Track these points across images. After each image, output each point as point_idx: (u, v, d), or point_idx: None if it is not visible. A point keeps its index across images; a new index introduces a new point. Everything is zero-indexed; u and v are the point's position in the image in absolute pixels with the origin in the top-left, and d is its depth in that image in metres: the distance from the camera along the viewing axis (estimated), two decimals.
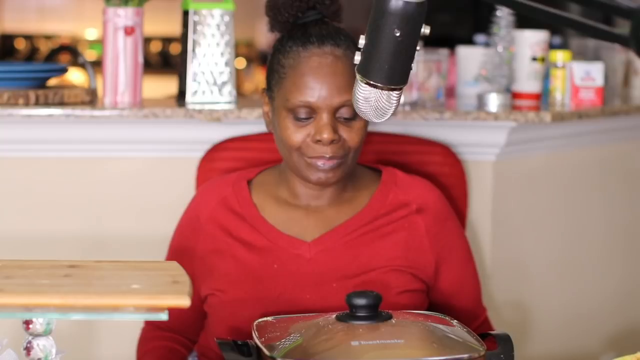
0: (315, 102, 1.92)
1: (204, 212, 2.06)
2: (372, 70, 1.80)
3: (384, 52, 1.76)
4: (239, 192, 2.06)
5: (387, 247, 2.00)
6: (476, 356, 1.62)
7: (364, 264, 1.99)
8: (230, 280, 2.00)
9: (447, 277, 2.05)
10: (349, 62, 1.94)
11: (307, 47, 1.95)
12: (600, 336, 2.87)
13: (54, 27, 6.29)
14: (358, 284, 1.96)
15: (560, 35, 3.80)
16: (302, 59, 1.94)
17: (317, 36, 1.96)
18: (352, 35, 1.99)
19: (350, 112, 1.93)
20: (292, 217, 2.03)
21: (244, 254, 2.01)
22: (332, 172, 1.95)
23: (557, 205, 2.75)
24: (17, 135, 2.37)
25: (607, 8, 1.42)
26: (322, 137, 1.92)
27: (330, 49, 1.95)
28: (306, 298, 1.97)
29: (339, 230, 2.01)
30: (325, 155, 1.93)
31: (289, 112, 1.94)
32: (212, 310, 2.04)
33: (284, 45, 1.98)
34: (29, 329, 1.45)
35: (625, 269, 2.94)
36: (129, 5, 2.39)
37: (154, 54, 6.18)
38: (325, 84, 1.92)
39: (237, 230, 2.03)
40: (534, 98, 2.67)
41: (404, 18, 1.73)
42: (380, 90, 1.82)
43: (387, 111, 1.88)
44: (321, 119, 1.93)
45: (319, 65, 1.93)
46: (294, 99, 1.93)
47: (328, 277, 1.98)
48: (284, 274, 1.98)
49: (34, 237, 2.40)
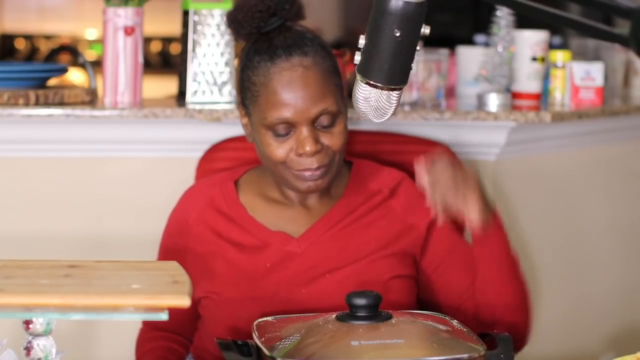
0: (292, 117, 1.92)
1: (192, 215, 2.06)
2: (372, 70, 1.79)
3: (384, 52, 1.76)
4: (226, 193, 2.06)
5: (372, 234, 2.01)
6: (476, 356, 1.62)
7: (352, 254, 2.00)
8: (223, 282, 2.00)
9: (434, 246, 2.05)
10: (319, 69, 1.93)
11: (275, 62, 1.92)
12: (600, 336, 2.87)
13: (54, 27, 6.28)
14: (350, 274, 1.97)
15: (560, 35, 3.80)
16: (272, 76, 1.92)
17: (282, 48, 1.93)
18: (316, 34, 1.98)
19: (329, 119, 1.93)
20: (281, 214, 2.04)
21: (235, 255, 2.01)
22: (321, 180, 1.96)
23: (557, 205, 2.75)
24: (17, 135, 2.37)
25: (607, 8, 1.42)
26: (305, 150, 1.92)
27: (299, 60, 1.92)
28: (302, 293, 1.97)
29: (323, 221, 2.02)
30: (311, 167, 1.94)
31: (267, 129, 1.94)
32: (207, 312, 2.04)
33: (251, 60, 1.95)
34: (29, 329, 1.45)
35: (626, 268, 2.94)
36: (129, 5, 2.39)
37: (154, 54, 6.18)
38: (299, 97, 1.91)
39: (226, 231, 2.03)
40: (534, 98, 2.67)
41: (404, 18, 1.73)
42: (380, 90, 1.83)
43: (387, 111, 1.88)
44: (301, 133, 1.93)
45: (289, 79, 1.92)
46: (270, 117, 1.92)
47: (320, 270, 1.98)
48: (277, 272, 1.99)
49: (34, 237, 2.40)
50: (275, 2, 1.95)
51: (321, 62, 1.93)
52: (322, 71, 1.92)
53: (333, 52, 1.99)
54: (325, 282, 1.97)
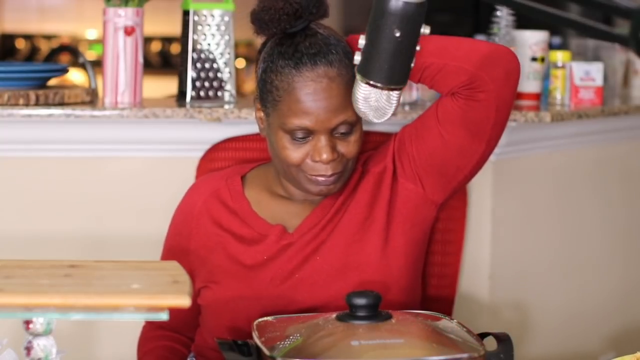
0: (312, 125, 1.92)
1: (197, 205, 2.08)
2: (372, 70, 1.80)
3: (383, 52, 1.76)
4: (232, 186, 2.08)
5: (359, 214, 2.02)
6: (476, 356, 1.62)
7: (341, 235, 2.00)
8: (222, 272, 2.02)
9: (402, 141, 2.04)
10: (342, 80, 1.93)
11: (301, 70, 1.91)
12: (600, 336, 2.87)
13: (54, 27, 6.28)
14: (340, 256, 1.98)
15: (560, 35, 3.80)
16: (296, 84, 1.91)
17: (308, 55, 1.92)
18: (339, 37, 1.97)
19: (347, 128, 1.94)
20: (285, 209, 2.05)
21: (234, 246, 2.03)
22: (334, 185, 1.98)
23: (557, 205, 2.75)
24: (17, 135, 2.37)
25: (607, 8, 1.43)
26: (322, 159, 1.93)
27: (324, 70, 1.92)
28: (295, 278, 1.98)
29: (316, 213, 2.03)
30: (326, 174, 1.95)
31: (285, 132, 1.94)
32: (207, 305, 2.04)
33: (275, 63, 1.94)
34: (29, 328, 1.45)
35: (625, 268, 2.94)
36: (129, 5, 2.39)
37: (154, 54, 6.18)
38: (321, 108, 1.91)
39: (227, 223, 2.05)
40: (533, 98, 2.67)
41: (404, 18, 1.73)
42: (380, 90, 1.83)
43: (387, 111, 1.88)
44: (319, 141, 1.93)
45: (314, 90, 1.91)
46: (290, 124, 1.93)
47: (312, 255, 2.00)
48: (273, 262, 2.00)
49: (34, 237, 2.40)
50: (303, 5, 1.93)
51: (344, 72, 1.93)
52: (345, 82, 1.92)
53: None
54: (316, 266, 1.99)
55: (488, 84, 1.90)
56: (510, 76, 1.93)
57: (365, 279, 1.97)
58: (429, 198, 2.02)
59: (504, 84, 1.92)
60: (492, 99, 1.91)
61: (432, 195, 2.02)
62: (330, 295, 1.96)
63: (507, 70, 1.92)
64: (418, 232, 2.03)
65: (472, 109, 1.92)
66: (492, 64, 1.91)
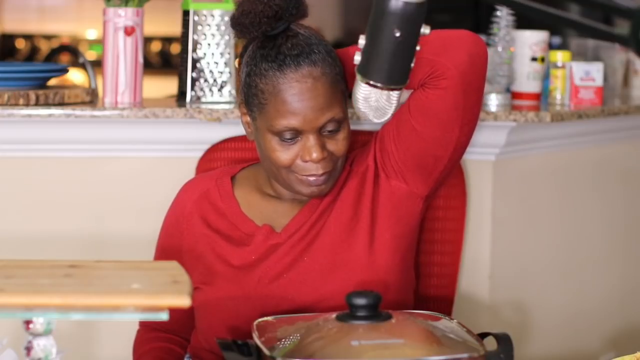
0: (300, 125, 1.92)
1: (187, 205, 2.09)
2: (372, 70, 1.80)
3: (384, 52, 1.77)
4: (221, 186, 2.08)
5: (345, 213, 2.02)
6: (476, 356, 1.62)
7: (328, 235, 2.01)
8: (212, 273, 2.03)
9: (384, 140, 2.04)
10: (327, 79, 1.93)
11: (284, 72, 1.91)
12: (600, 336, 2.87)
13: (54, 27, 6.28)
14: (327, 254, 1.99)
15: (560, 35, 3.80)
16: (281, 86, 1.91)
17: (291, 57, 1.92)
18: (320, 37, 1.96)
19: (334, 125, 1.94)
20: (273, 208, 2.06)
21: (223, 247, 2.03)
22: (325, 185, 1.98)
23: (557, 205, 2.75)
24: (17, 135, 2.37)
25: (607, 8, 1.43)
26: (312, 158, 1.93)
27: (308, 71, 1.91)
28: (283, 278, 1.99)
29: (303, 213, 2.03)
30: (317, 173, 1.95)
31: (274, 134, 1.94)
32: (199, 306, 2.05)
33: (259, 66, 1.94)
34: (29, 329, 1.45)
35: (625, 268, 2.94)
36: (129, 5, 2.39)
37: (154, 54, 6.18)
38: (308, 108, 1.91)
39: (216, 224, 2.05)
40: (533, 98, 2.67)
41: (404, 18, 1.73)
42: (380, 90, 1.83)
43: (387, 111, 1.89)
44: (308, 140, 1.93)
45: (299, 91, 1.91)
46: (278, 125, 1.93)
47: (299, 255, 2.00)
48: (261, 263, 2.00)
49: (34, 237, 2.40)
50: (283, 7, 1.94)
51: (328, 71, 1.93)
52: (330, 81, 1.92)
53: (337, 56, 1.98)
54: (305, 265, 1.99)
55: (450, 69, 1.90)
56: (475, 59, 1.92)
57: (353, 277, 1.97)
58: (413, 192, 2.02)
59: (469, 68, 1.91)
60: (457, 84, 1.90)
61: (416, 189, 2.02)
62: (320, 294, 1.96)
63: (470, 53, 1.91)
64: (404, 226, 2.03)
65: (438, 97, 1.92)
66: (452, 49, 1.91)
